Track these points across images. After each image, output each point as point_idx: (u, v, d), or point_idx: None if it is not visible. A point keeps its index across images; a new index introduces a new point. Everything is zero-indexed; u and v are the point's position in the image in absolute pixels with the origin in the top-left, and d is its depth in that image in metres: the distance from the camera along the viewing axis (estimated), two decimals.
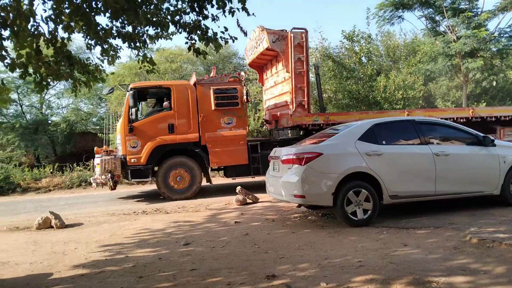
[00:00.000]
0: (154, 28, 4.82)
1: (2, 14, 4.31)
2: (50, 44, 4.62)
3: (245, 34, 5.00)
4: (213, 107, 9.30)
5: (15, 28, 4.27)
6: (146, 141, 9.00)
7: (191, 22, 4.52)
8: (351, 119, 10.15)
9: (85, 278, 3.87)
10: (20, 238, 5.96)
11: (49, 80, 4.91)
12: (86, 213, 7.92)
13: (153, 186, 10.26)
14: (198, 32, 4.66)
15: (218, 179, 11.47)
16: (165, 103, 9.28)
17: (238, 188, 8.10)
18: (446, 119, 10.41)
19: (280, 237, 5.17)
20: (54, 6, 4.27)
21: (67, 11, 4.44)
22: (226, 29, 4.62)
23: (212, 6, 4.30)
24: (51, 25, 4.62)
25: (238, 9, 4.30)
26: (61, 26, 4.65)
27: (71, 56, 4.89)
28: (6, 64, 4.38)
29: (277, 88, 11.33)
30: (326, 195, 5.31)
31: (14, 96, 17.89)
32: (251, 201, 7.98)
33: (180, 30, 4.66)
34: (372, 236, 4.82)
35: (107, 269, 4.11)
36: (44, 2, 4.39)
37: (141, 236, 5.63)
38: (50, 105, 20.34)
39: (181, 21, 4.63)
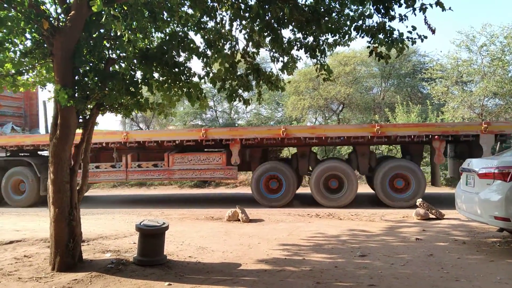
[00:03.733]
0: (333, 35, 4.84)
1: (206, 36, 5.11)
2: (243, 60, 5.21)
3: (433, 32, 4.47)
4: None
5: (217, 48, 5.00)
6: None
7: (375, 25, 4.32)
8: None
9: (268, 274, 4.18)
10: (215, 227, 6.94)
11: (240, 91, 5.53)
12: (265, 210, 8.64)
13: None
14: (381, 35, 4.42)
15: None
16: None
17: (419, 201, 7.37)
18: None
19: (474, 264, 4.42)
20: (249, 23, 4.77)
21: (256, 28, 4.91)
22: (414, 28, 4.21)
23: (400, 5, 4.00)
24: (244, 42, 5.24)
25: (430, 5, 3.87)
26: (251, 43, 5.20)
27: (259, 69, 5.39)
28: (210, 79, 5.16)
29: None
30: None
31: (210, 103, 21.18)
32: (434, 216, 7.14)
33: (362, 35, 4.52)
34: None
35: (287, 269, 4.33)
36: (240, 24, 4.96)
37: (316, 240, 5.74)
38: (237, 111, 23.18)
39: (364, 25, 4.50)
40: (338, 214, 7.95)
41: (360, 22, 4.45)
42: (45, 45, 4.26)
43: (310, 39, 5.05)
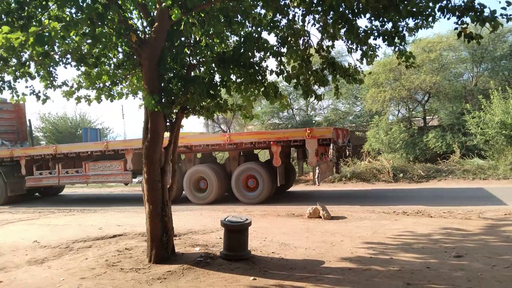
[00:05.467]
0: (414, 19, 4.52)
1: (280, 34, 5.14)
2: (318, 54, 5.13)
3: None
4: None
5: (291, 44, 5.00)
6: None
7: (462, 3, 3.93)
8: None
9: (353, 273, 4.06)
10: (296, 224, 6.95)
11: (315, 86, 5.46)
12: (347, 207, 8.40)
13: None
14: (471, 13, 4.01)
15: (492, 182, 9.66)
16: None
17: None
18: None
19: None
20: (322, 17, 4.69)
21: (330, 21, 4.80)
22: (509, 4, 3.74)
23: None
24: (318, 36, 5.16)
25: None
26: (325, 35, 5.10)
27: (334, 63, 5.26)
28: (284, 77, 5.17)
29: None
30: None
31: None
32: None
33: (448, 16, 4.15)
34: None
35: (373, 268, 4.17)
36: (313, 18, 4.89)
37: (404, 239, 5.43)
38: (314, 107, 22.88)
39: (449, 5, 4.12)
40: (428, 212, 7.41)
41: (445, 1, 4.09)
42: (135, 57, 4.68)
43: (389, 25, 4.79)
